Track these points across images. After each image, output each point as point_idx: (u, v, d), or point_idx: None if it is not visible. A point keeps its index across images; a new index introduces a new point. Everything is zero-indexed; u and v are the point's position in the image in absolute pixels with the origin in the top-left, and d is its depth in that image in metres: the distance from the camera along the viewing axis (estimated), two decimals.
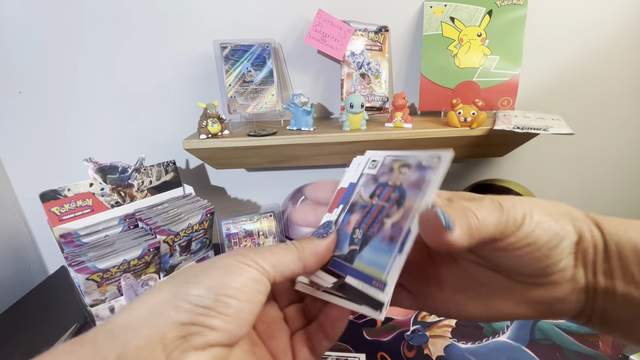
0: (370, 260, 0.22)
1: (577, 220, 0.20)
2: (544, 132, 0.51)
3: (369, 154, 0.28)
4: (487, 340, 0.47)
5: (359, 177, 0.26)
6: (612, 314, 0.20)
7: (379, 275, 0.21)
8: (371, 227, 0.23)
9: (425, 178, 0.23)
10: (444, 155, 0.22)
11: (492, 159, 0.76)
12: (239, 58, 0.62)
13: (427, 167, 0.23)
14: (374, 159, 0.27)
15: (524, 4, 0.60)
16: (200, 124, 0.58)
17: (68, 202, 0.51)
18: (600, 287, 0.20)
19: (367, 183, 0.26)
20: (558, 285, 0.20)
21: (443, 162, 0.22)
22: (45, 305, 0.61)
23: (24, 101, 0.69)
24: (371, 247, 0.22)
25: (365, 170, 0.27)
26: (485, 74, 0.62)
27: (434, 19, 0.62)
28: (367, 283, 0.21)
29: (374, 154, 0.27)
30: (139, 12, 0.64)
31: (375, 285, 0.21)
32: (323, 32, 0.60)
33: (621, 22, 0.63)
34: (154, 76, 0.68)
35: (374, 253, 0.22)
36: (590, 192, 0.77)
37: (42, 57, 0.66)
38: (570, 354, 0.44)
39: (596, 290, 0.20)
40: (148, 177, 0.60)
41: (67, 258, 0.46)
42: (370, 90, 0.65)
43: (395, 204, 0.23)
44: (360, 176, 0.26)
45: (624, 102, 0.69)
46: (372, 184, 0.25)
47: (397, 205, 0.23)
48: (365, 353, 0.45)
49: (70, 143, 0.73)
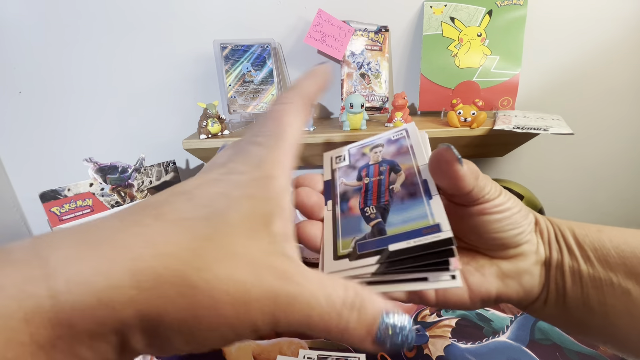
0: (404, 219, 0.20)
1: (531, 210, 0.24)
2: (544, 132, 0.51)
3: (329, 154, 0.28)
4: (487, 340, 0.47)
5: (331, 173, 0.26)
6: (566, 289, 0.23)
7: (425, 223, 0.19)
8: (381, 199, 0.22)
9: (405, 145, 0.24)
10: (409, 126, 0.25)
11: (492, 159, 0.76)
12: (239, 58, 0.62)
13: (399, 138, 0.25)
14: (337, 155, 0.28)
15: (524, 4, 0.60)
16: (200, 124, 0.58)
17: (68, 202, 0.51)
18: (554, 261, 0.23)
19: (346, 173, 0.26)
20: (525, 257, 0.23)
21: (411, 131, 0.25)
22: None
23: (24, 101, 0.69)
24: (396, 211, 0.21)
25: (334, 166, 0.27)
26: (485, 74, 0.62)
27: (434, 19, 0.62)
28: (417, 237, 0.18)
29: (334, 152, 0.28)
30: (139, 12, 0.64)
31: (428, 232, 0.18)
32: (323, 32, 0.60)
33: (622, 23, 0.63)
34: (154, 76, 0.68)
35: (403, 213, 0.20)
36: (590, 192, 0.77)
37: (42, 57, 0.66)
38: (570, 354, 0.44)
39: (551, 264, 0.23)
40: (148, 177, 0.60)
41: None
42: (370, 90, 0.65)
43: (391, 172, 0.23)
44: (333, 172, 0.26)
45: (624, 102, 0.69)
46: (352, 171, 0.25)
47: (395, 172, 0.23)
48: (365, 353, 0.45)
49: (70, 143, 0.73)
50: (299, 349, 0.47)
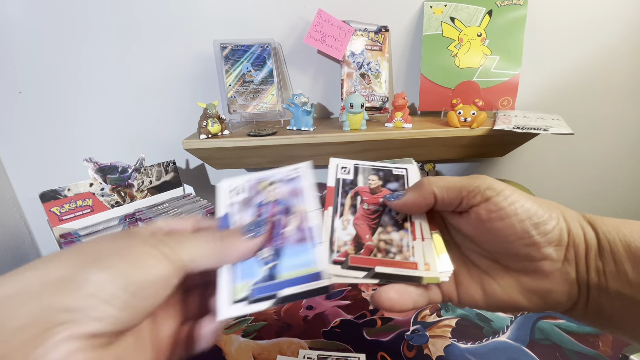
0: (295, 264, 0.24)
1: (568, 216, 0.21)
2: (544, 132, 0.51)
3: (223, 186, 0.30)
4: (487, 340, 0.47)
5: (228, 206, 0.28)
6: (606, 310, 0.21)
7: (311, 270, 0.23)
8: (276, 241, 0.25)
9: (298, 187, 0.27)
10: (303, 166, 0.28)
11: (492, 159, 0.76)
12: (239, 58, 0.62)
13: (294, 178, 0.28)
14: (232, 189, 0.30)
15: (524, 4, 0.60)
16: (200, 124, 0.58)
17: (68, 202, 0.51)
18: (593, 283, 0.20)
19: (243, 208, 0.28)
20: (548, 275, 0.21)
21: (304, 173, 0.28)
22: None
23: (24, 101, 0.69)
24: (288, 255, 0.24)
25: (231, 200, 0.29)
26: (485, 74, 0.62)
27: (434, 19, 0.62)
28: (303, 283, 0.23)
29: (230, 184, 0.30)
30: (139, 13, 0.64)
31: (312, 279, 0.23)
32: (323, 32, 0.60)
33: (622, 22, 0.63)
34: (154, 76, 0.68)
35: (294, 257, 0.24)
36: (591, 192, 0.77)
37: (42, 57, 0.66)
38: (570, 354, 0.44)
39: (589, 286, 0.21)
40: (148, 177, 0.60)
41: None
42: (370, 90, 0.65)
43: (286, 214, 0.26)
44: (230, 206, 0.28)
45: (624, 102, 0.69)
46: (248, 208, 0.27)
47: (288, 214, 0.26)
48: (365, 353, 0.45)
49: (70, 143, 0.73)
50: (298, 349, 0.47)
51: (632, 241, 0.20)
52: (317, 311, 0.54)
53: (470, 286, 0.24)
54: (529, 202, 0.21)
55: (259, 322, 0.53)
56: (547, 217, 0.21)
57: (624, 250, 0.20)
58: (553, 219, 0.21)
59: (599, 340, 0.46)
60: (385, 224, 0.26)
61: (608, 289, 0.20)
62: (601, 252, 0.20)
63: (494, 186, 0.22)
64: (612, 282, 0.20)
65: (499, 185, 0.22)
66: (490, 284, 0.23)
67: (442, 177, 0.23)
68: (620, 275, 0.20)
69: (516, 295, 0.22)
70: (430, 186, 0.23)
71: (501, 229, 0.21)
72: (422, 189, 0.23)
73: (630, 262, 0.19)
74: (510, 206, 0.21)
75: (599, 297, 0.21)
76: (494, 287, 0.23)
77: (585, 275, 0.21)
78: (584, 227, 0.21)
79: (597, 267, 0.20)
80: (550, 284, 0.21)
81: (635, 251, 0.19)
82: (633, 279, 0.19)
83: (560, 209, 0.22)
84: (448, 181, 0.23)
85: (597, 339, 0.46)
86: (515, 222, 0.21)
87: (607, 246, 0.20)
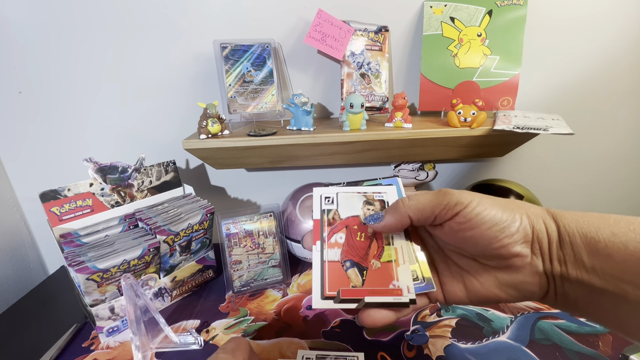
0: None
1: (531, 214, 0.24)
2: (544, 132, 0.51)
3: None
4: (487, 340, 0.47)
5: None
6: (571, 296, 0.23)
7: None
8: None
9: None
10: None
11: (492, 159, 0.76)
12: (239, 58, 0.62)
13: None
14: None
15: (524, 4, 0.60)
16: (200, 124, 0.58)
17: (68, 202, 0.51)
18: (557, 272, 0.23)
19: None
20: (520, 270, 0.24)
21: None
22: (45, 305, 0.61)
23: (24, 101, 0.69)
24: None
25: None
26: (485, 74, 0.62)
27: (434, 19, 0.62)
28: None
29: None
30: (139, 12, 0.64)
31: (395, 294, 0.27)
32: (323, 32, 0.60)
33: (622, 22, 0.63)
34: (154, 76, 0.68)
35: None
36: (591, 191, 0.77)
37: (42, 57, 0.66)
38: (570, 354, 0.44)
39: (553, 275, 0.23)
40: (148, 177, 0.60)
41: (67, 258, 0.46)
42: (370, 90, 0.65)
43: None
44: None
45: (624, 102, 0.69)
46: None
47: None
48: (364, 352, 0.45)
49: (70, 143, 0.73)
50: (298, 349, 0.47)
51: (588, 232, 0.22)
52: (317, 311, 0.54)
53: (454, 285, 0.27)
54: (494, 209, 0.24)
55: (259, 322, 0.53)
56: (511, 219, 0.23)
57: (580, 241, 0.22)
58: (516, 220, 0.23)
59: (599, 340, 0.46)
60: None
61: (569, 277, 0.23)
62: (562, 243, 0.23)
63: (461, 200, 0.24)
64: (572, 270, 0.22)
65: (466, 199, 0.24)
66: (471, 281, 0.26)
67: (416, 197, 0.26)
68: (577, 263, 0.22)
69: (494, 289, 0.25)
70: (405, 210, 0.26)
71: (472, 237, 0.24)
72: (398, 212, 0.27)
73: (586, 250, 0.22)
74: (477, 217, 0.24)
75: (562, 285, 0.23)
76: (475, 284, 0.26)
77: (549, 265, 0.23)
78: (547, 222, 0.24)
79: (559, 257, 0.23)
80: (523, 277, 0.24)
81: (590, 240, 0.22)
82: (589, 265, 0.22)
83: (524, 208, 0.24)
84: (420, 202, 0.26)
85: (597, 339, 0.46)
86: (484, 230, 0.23)
87: (567, 237, 0.23)
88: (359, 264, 0.28)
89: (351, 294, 0.26)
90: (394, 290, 0.26)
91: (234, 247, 0.59)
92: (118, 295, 0.50)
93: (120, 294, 0.50)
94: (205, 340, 0.50)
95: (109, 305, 0.50)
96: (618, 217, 0.22)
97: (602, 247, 0.21)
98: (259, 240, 0.60)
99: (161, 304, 0.57)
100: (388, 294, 0.26)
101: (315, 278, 0.27)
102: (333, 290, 0.26)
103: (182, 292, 0.60)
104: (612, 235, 0.21)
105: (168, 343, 0.48)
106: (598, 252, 0.21)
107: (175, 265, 0.58)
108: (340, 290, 0.26)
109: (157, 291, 0.56)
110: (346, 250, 0.28)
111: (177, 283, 0.59)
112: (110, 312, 0.50)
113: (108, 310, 0.50)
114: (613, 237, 0.21)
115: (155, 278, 0.55)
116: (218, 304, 0.58)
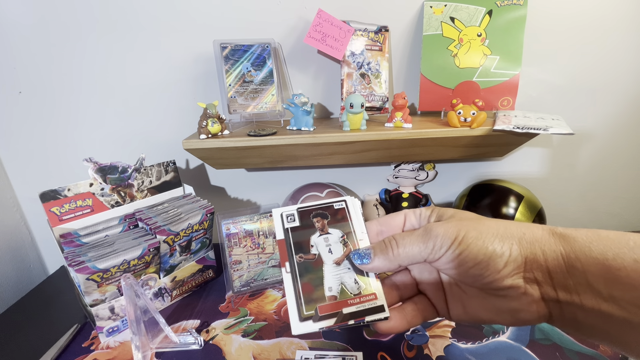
0: None
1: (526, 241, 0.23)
2: (544, 132, 0.51)
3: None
4: (487, 340, 0.47)
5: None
6: (585, 323, 0.21)
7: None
8: None
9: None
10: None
11: (492, 159, 0.76)
12: (239, 58, 0.62)
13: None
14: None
15: (524, 4, 0.60)
16: (200, 124, 0.58)
17: (68, 202, 0.51)
18: (564, 300, 0.21)
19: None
20: (515, 298, 0.23)
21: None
22: (45, 305, 0.61)
23: (24, 101, 0.69)
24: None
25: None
26: (485, 74, 0.62)
27: (434, 19, 0.62)
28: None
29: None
30: (139, 13, 0.64)
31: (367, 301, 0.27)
32: (323, 32, 0.60)
33: (622, 22, 0.63)
34: (154, 76, 0.68)
35: None
36: (590, 191, 0.77)
37: (42, 57, 0.66)
38: (570, 354, 0.44)
39: (560, 302, 0.22)
40: (148, 177, 0.60)
41: (67, 258, 0.46)
42: (370, 90, 0.65)
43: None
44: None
45: (624, 102, 0.69)
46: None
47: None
48: (364, 352, 0.45)
49: (70, 143, 0.73)
50: (297, 349, 0.47)
51: (604, 259, 0.20)
52: None
53: (456, 304, 0.28)
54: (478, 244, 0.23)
55: (259, 322, 0.53)
56: (498, 253, 0.22)
57: (596, 269, 0.20)
58: (504, 254, 0.22)
59: None
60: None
61: (583, 306, 0.21)
62: (571, 270, 0.21)
63: (445, 242, 0.24)
64: (586, 299, 0.21)
65: (449, 239, 0.24)
66: (471, 303, 0.27)
67: (403, 244, 0.26)
68: (593, 291, 0.20)
69: (491, 314, 0.25)
70: (395, 260, 0.26)
71: (460, 273, 0.24)
72: (389, 260, 0.26)
73: (603, 279, 0.20)
74: (460, 256, 0.23)
75: (574, 313, 0.21)
76: (473, 306, 0.26)
77: (553, 293, 0.22)
78: (547, 247, 0.22)
79: (566, 286, 0.21)
80: (518, 304, 0.23)
81: (609, 269, 0.20)
82: (607, 294, 0.20)
83: (517, 234, 0.23)
84: (408, 252, 0.26)
85: None
86: (467, 269, 0.23)
87: (579, 265, 0.21)
88: None
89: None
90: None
91: (234, 247, 0.59)
92: (118, 295, 0.50)
93: (120, 294, 0.50)
94: (205, 340, 0.50)
95: (109, 305, 0.50)
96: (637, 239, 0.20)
97: (624, 276, 0.19)
98: (259, 240, 0.60)
99: (161, 304, 0.57)
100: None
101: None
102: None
103: (182, 292, 0.60)
104: (634, 263, 0.19)
105: (168, 343, 0.48)
106: (619, 281, 0.19)
107: (175, 265, 0.58)
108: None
109: (157, 291, 0.56)
110: None
111: (177, 283, 0.59)
112: (110, 312, 0.50)
113: (108, 310, 0.50)
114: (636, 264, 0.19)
115: (155, 278, 0.55)
116: (218, 304, 0.58)
